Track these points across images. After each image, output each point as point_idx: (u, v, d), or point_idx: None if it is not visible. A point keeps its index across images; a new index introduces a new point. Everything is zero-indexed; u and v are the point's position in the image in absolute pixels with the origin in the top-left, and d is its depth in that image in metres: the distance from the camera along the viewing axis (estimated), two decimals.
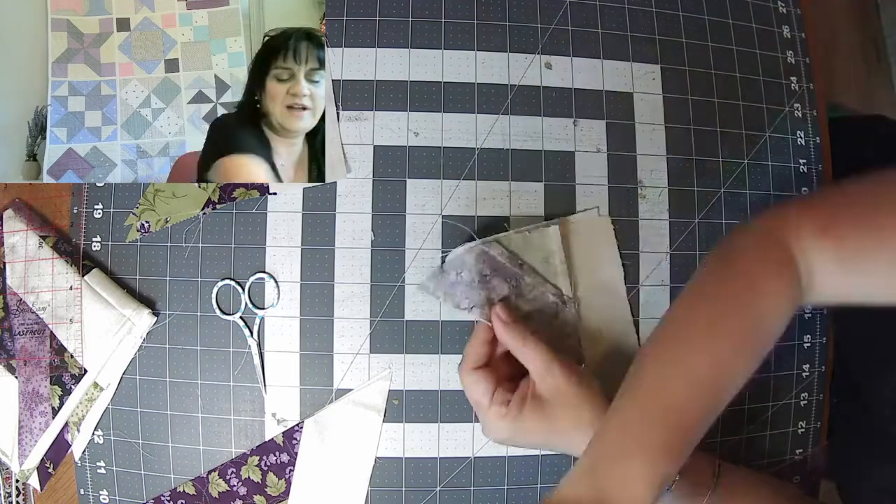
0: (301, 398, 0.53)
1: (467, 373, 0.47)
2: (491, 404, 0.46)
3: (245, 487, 0.53)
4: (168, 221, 0.53)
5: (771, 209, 0.47)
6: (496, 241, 0.51)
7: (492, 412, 0.46)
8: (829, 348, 0.58)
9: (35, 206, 0.55)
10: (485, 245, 0.50)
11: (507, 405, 0.46)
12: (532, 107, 0.55)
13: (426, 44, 0.55)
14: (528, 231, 0.52)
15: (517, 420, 0.45)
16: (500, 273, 0.50)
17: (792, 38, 0.60)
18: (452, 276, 0.50)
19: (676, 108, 0.57)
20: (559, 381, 0.45)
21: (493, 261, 0.50)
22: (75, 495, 0.53)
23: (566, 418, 0.45)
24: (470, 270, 0.49)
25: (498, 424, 0.46)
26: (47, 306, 0.52)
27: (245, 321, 0.53)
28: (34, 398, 0.52)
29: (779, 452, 0.57)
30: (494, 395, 0.46)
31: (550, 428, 0.45)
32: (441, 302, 0.50)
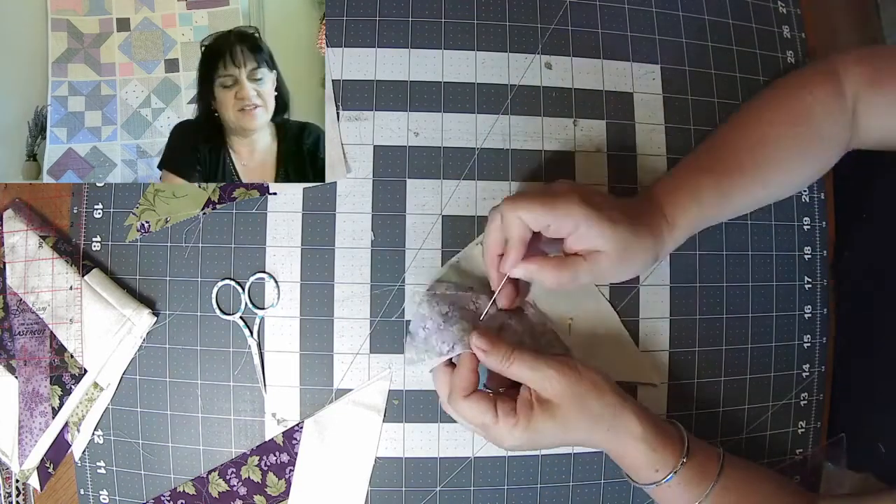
0: (301, 398, 0.53)
1: (460, 402, 0.45)
2: (497, 420, 0.44)
3: (245, 487, 0.53)
4: (168, 221, 0.53)
5: (825, 57, 0.54)
6: (437, 282, 0.52)
7: (501, 427, 0.44)
8: (830, 348, 0.58)
9: (35, 206, 0.55)
10: (429, 290, 0.51)
11: (515, 414, 0.44)
12: (532, 107, 0.55)
13: (426, 44, 0.55)
14: (458, 260, 0.53)
15: (529, 428, 0.44)
16: (458, 303, 0.50)
17: (792, 37, 0.60)
18: (421, 333, 0.49)
19: (676, 108, 0.57)
20: (557, 385, 0.44)
21: (444, 297, 0.50)
22: (75, 495, 0.53)
23: (579, 417, 0.45)
24: (432, 319, 0.49)
25: (511, 435, 0.45)
26: (47, 306, 0.52)
27: (245, 321, 0.53)
28: (34, 398, 0.52)
29: (779, 452, 0.57)
30: (498, 411, 0.45)
31: (564, 427, 0.45)
32: (430, 364, 0.48)
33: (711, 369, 0.55)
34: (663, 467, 0.45)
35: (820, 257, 0.58)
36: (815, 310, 0.58)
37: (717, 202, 0.50)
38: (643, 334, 0.55)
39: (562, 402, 0.44)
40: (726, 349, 0.56)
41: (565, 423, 0.44)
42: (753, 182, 0.50)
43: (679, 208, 0.49)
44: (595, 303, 0.54)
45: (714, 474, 0.46)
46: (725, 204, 0.50)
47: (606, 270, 0.46)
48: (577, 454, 0.54)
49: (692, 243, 0.55)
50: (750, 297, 0.56)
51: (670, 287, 0.55)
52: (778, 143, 0.50)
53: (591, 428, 0.45)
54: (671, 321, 0.55)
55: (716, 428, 0.55)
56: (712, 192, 0.49)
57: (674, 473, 0.45)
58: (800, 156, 0.51)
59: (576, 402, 0.44)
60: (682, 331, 0.55)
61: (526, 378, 0.45)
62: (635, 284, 0.55)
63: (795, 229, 0.58)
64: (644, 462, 0.46)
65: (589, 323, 0.54)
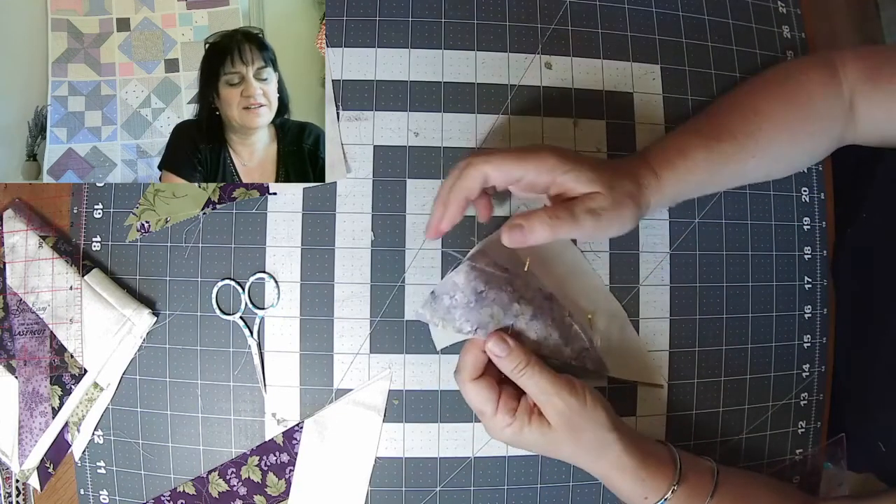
0: (301, 398, 0.53)
1: (467, 384, 0.46)
2: (496, 413, 0.45)
3: (245, 487, 0.53)
4: (168, 221, 0.53)
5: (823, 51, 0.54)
6: (479, 252, 0.51)
7: (496, 421, 0.45)
8: (830, 348, 0.58)
9: (35, 206, 0.55)
10: (470, 260, 0.50)
11: (513, 414, 0.45)
12: (532, 107, 0.55)
13: (426, 44, 0.55)
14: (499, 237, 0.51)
15: (520, 434, 0.45)
16: (494, 284, 0.49)
17: (792, 37, 0.60)
18: (446, 301, 0.48)
19: (676, 108, 0.57)
20: (557, 412, 0.44)
21: (483, 273, 0.49)
22: (75, 495, 0.53)
23: (567, 443, 0.45)
24: (463, 292, 0.48)
25: (502, 432, 0.46)
26: (47, 306, 0.52)
27: (245, 321, 0.53)
28: (34, 398, 0.52)
29: (779, 452, 0.57)
30: (499, 404, 0.45)
31: (552, 449, 0.46)
32: (440, 328, 0.49)
33: (711, 369, 0.55)
34: (653, 494, 0.46)
35: (820, 257, 0.58)
36: (815, 310, 0.58)
37: (705, 165, 0.49)
38: (643, 334, 0.55)
39: (556, 427, 0.45)
40: (726, 349, 0.56)
41: (555, 444, 0.46)
42: (744, 151, 0.49)
43: (665, 162, 0.48)
44: (608, 302, 0.54)
45: (707, 494, 0.46)
46: (715, 170, 0.49)
47: (605, 211, 0.44)
48: None
49: (692, 243, 0.55)
50: (750, 297, 0.56)
51: (670, 287, 0.55)
52: (771, 116, 0.50)
53: (579, 455, 0.46)
54: (671, 321, 0.55)
55: (716, 428, 0.56)
56: (701, 152, 0.48)
57: (664, 500, 0.46)
58: (791, 133, 0.51)
59: (569, 432, 0.45)
60: (682, 331, 0.55)
61: (531, 393, 0.45)
62: (636, 284, 0.55)
63: (795, 229, 0.58)
64: (632, 491, 0.46)
65: (604, 321, 0.54)
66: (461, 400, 0.52)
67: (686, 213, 0.56)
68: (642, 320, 0.55)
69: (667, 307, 0.55)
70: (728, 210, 0.56)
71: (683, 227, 0.56)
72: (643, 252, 0.55)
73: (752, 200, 0.57)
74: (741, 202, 0.57)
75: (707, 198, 0.56)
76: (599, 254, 0.54)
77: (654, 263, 0.55)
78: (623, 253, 0.55)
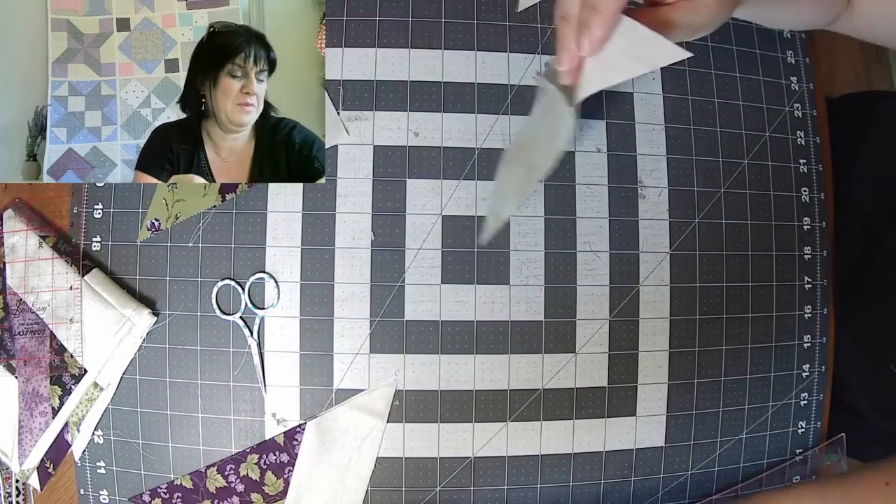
0: (301, 398, 0.53)
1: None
2: None
3: (243, 484, 0.53)
4: (178, 218, 0.53)
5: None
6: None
7: None
8: (830, 348, 0.58)
9: (35, 206, 0.55)
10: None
11: None
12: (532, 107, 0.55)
13: (426, 44, 0.55)
14: None
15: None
16: None
17: (792, 37, 0.60)
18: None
19: (676, 108, 0.57)
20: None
21: None
22: (75, 495, 0.53)
23: None
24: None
25: None
26: (47, 306, 0.52)
27: (245, 321, 0.53)
28: (34, 398, 0.52)
29: (779, 452, 0.57)
30: None
31: None
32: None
33: (711, 369, 0.55)
34: None
35: (820, 257, 0.58)
36: (815, 310, 0.58)
37: None
38: (643, 334, 0.55)
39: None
40: (726, 349, 0.56)
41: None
42: None
43: None
44: None
45: None
46: None
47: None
48: (577, 454, 0.54)
49: (692, 243, 0.55)
50: (750, 297, 0.56)
51: (670, 287, 0.55)
52: None
53: None
54: (671, 321, 0.55)
55: (716, 428, 0.56)
56: None
57: None
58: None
59: None
60: (682, 331, 0.55)
61: None
62: (635, 284, 0.55)
63: (795, 229, 0.58)
64: None
65: None
66: (461, 400, 0.52)
67: (686, 213, 0.56)
68: (642, 320, 0.55)
69: (667, 307, 0.55)
70: (728, 210, 0.56)
71: (683, 227, 0.56)
72: (643, 252, 0.55)
73: (752, 200, 0.57)
74: (741, 202, 0.57)
75: (707, 197, 0.56)
76: (599, 254, 0.55)
77: (654, 263, 0.55)
78: (623, 253, 0.55)
